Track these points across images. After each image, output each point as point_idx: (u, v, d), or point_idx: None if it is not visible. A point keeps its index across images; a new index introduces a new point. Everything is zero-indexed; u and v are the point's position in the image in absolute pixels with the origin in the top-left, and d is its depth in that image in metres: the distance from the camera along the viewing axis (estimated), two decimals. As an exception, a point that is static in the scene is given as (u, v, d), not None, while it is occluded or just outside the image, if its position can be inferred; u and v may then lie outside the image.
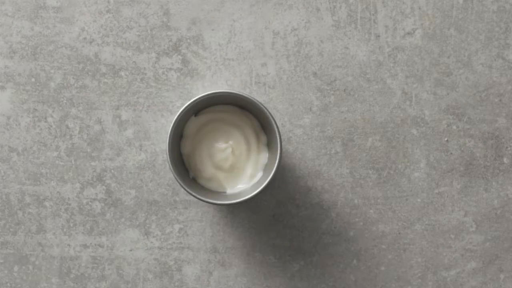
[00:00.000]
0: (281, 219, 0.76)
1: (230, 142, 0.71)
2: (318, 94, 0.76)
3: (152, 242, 0.76)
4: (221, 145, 0.71)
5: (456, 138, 0.77)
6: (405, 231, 0.77)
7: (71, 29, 0.76)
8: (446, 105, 0.77)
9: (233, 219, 0.76)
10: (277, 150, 0.68)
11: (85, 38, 0.76)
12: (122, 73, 0.76)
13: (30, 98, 0.76)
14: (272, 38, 0.76)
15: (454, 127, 0.77)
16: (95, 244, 0.76)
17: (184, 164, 0.72)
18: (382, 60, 0.76)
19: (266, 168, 0.71)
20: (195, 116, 0.72)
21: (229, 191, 0.71)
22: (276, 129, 0.68)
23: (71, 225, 0.75)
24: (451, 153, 0.77)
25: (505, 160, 0.77)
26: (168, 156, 0.68)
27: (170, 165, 0.67)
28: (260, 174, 0.71)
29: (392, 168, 0.76)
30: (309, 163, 0.76)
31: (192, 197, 0.75)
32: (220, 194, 0.71)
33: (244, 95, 0.68)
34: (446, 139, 0.77)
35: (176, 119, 0.68)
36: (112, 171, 0.76)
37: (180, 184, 0.67)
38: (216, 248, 0.76)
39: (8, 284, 0.75)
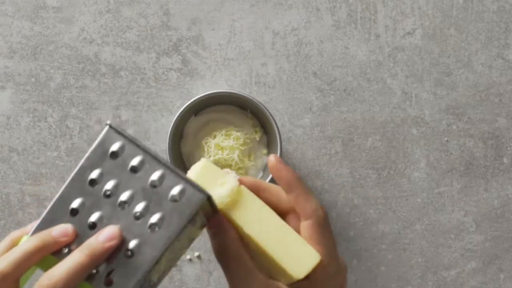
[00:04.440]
0: (281, 219, 0.76)
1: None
2: (318, 94, 0.76)
3: (152, 242, 0.76)
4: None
5: (456, 138, 0.77)
6: (405, 231, 0.77)
7: (71, 29, 0.76)
8: (446, 105, 0.77)
9: (233, 219, 0.76)
10: (277, 150, 0.68)
11: (85, 38, 0.76)
12: (122, 73, 0.76)
13: (30, 98, 0.75)
14: (272, 38, 0.76)
15: (454, 127, 0.77)
16: (95, 244, 0.75)
17: (184, 163, 0.72)
18: (382, 60, 0.76)
19: (266, 168, 0.71)
20: (195, 116, 0.72)
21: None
22: (276, 129, 0.68)
23: (71, 225, 0.75)
24: (451, 153, 0.77)
25: (505, 160, 0.77)
26: (168, 155, 0.68)
27: (170, 165, 0.67)
28: (260, 174, 0.71)
29: (392, 168, 0.76)
30: (309, 163, 0.76)
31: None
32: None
33: (244, 95, 0.68)
34: (446, 139, 0.77)
35: (176, 119, 0.68)
36: (112, 171, 0.76)
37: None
38: (216, 248, 0.76)
39: (8, 284, 0.75)
